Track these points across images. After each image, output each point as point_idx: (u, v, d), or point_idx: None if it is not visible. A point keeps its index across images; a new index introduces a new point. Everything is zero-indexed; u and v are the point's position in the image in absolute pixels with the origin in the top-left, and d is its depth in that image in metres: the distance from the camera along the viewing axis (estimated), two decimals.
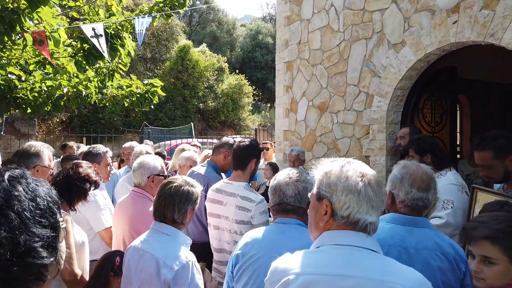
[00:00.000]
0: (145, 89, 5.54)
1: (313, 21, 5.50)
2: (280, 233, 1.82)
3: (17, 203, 0.87)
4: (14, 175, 0.94)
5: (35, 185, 0.94)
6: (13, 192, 0.88)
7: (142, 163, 2.76)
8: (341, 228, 1.29)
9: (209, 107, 23.09)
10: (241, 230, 2.68)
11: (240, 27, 34.59)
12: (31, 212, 0.88)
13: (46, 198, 0.93)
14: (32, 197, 0.91)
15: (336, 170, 1.33)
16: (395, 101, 4.42)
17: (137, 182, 2.72)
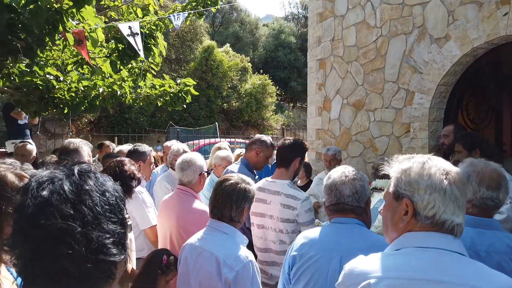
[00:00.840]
0: (178, 88, 5.55)
1: (348, 17, 5.38)
2: (339, 234, 1.74)
3: (88, 197, 0.85)
4: (84, 169, 0.92)
5: (103, 180, 0.91)
6: (84, 187, 0.86)
7: (191, 162, 2.73)
8: (426, 230, 1.20)
9: (233, 107, 23.11)
10: (287, 229, 2.63)
11: (263, 27, 34.55)
12: (102, 207, 0.86)
13: (114, 194, 0.91)
14: (102, 192, 0.88)
15: (417, 167, 1.24)
16: (438, 98, 4.25)
17: (187, 180, 2.68)
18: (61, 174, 0.89)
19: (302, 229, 2.61)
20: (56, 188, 0.84)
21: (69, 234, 0.79)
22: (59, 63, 5.17)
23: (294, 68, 30.56)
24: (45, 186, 0.84)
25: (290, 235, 2.63)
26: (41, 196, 0.82)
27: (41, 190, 0.83)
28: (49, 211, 0.80)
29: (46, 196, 0.82)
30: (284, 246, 2.64)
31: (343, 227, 1.74)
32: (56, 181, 0.86)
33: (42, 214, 0.80)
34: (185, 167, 2.67)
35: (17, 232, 0.83)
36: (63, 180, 0.86)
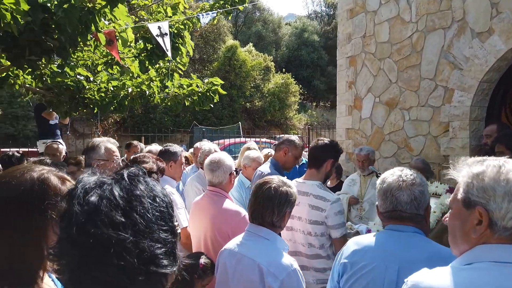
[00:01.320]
0: (206, 87, 5.49)
1: (380, 12, 5.19)
2: (396, 242, 1.59)
3: (139, 204, 0.77)
4: (133, 173, 0.84)
5: (153, 184, 0.84)
6: (135, 192, 0.78)
7: (220, 162, 2.65)
8: (505, 242, 1.06)
9: (256, 107, 23.05)
10: (315, 231, 2.52)
11: (285, 26, 34.35)
12: (153, 214, 0.78)
13: (164, 199, 0.83)
14: (152, 197, 0.81)
15: (492, 172, 1.10)
16: (480, 95, 4.02)
17: (217, 181, 2.61)
18: (110, 179, 0.81)
19: (332, 233, 2.51)
20: (105, 194, 0.77)
21: (120, 244, 0.72)
22: (89, 63, 5.20)
23: (317, 67, 30.25)
24: (93, 192, 0.77)
25: (319, 238, 2.51)
26: (90, 203, 0.75)
27: (89, 196, 0.76)
28: (98, 219, 0.73)
29: (95, 202, 0.75)
30: (313, 249, 2.53)
31: (400, 235, 1.60)
32: (105, 187, 0.79)
33: (91, 222, 0.73)
34: (215, 168, 2.60)
35: (64, 240, 0.76)
36: (112, 185, 0.79)
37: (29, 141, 12.47)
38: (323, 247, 2.50)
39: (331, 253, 2.54)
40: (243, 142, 12.35)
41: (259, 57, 24.39)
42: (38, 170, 1.18)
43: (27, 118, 15.76)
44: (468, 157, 1.26)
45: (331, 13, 36.62)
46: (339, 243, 2.52)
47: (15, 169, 1.19)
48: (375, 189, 4.80)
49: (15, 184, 1.11)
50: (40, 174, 1.16)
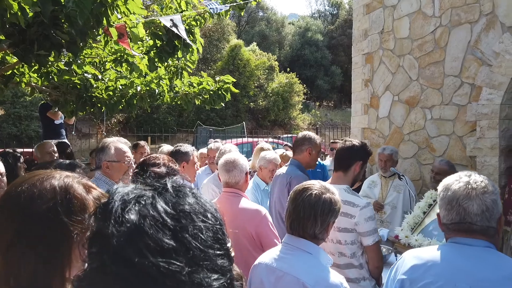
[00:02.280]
0: (217, 86, 5.30)
1: (400, 7, 4.98)
2: (465, 258, 1.38)
3: (191, 223, 0.60)
4: (179, 183, 0.65)
5: (201, 197, 0.66)
6: (185, 207, 0.61)
7: (236, 162, 2.52)
8: None
9: (260, 106, 22.86)
10: (345, 239, 2.34)
11: (289, 25, 34.16)
12: (208, 236, 0.61)
13: (216, 215, 0.65)
14: (204, 214, 0.62)
15: None
16: (511, 93, 3.81)
17: (234, 181, 2.48)
18: (150, 190, 0.62)
19: (363, 240, 2.33)
20: (148, 209, 0.59)
21: (172, 276, 0.55)
22: (97, 61, 5.01)
23: (321, 67, 30.04)
24: (132, 206, 0.59)
25: (349, 246, 2.34)
26: (129, 222, 0.57)
27: (127, 212, 0.58)
28: (142, 244, 0.55)
29: (136, 221, 0.57)
30: (345, 258, 2.35)
31: (469, 249, 1.39)
32: (145, 200, 0.60)
33: (132, 247, 0.55)
34: (231, 168, 2.47)
35: (95, 270, 0.58)
36: (155, 198, 0.61)
37: (33, 141, 12.28)
38: (355, 256, 2.31)
39: (363, 261, 2.35)
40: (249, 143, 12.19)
41: (263, 57, 24.21)
42: (60, 177, 0.98)
43: (30, 118, 15.59)
44: None
45: (335, 12, 36.42)
46: (372, 251, 2.34)
47: (33, 175, 0.99)
48: (397, 192, 4.60)
49: (34, 194, 0.91)
50: (63, 181, 0.95)
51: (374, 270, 2.33)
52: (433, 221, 3.18)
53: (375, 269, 2.33)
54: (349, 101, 27.74)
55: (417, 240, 3.00)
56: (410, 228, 3.24)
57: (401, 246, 3.13)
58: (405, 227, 3.24)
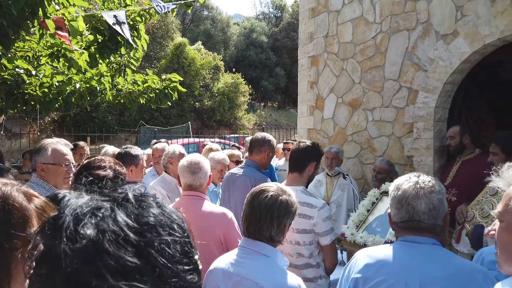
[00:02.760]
0: (163, 84, 5.14)
1: (343, 12, 5.16)
2: (415, 256, 1.44)
3: (156, 236, 0.53)
4: (141, 193, 0.59)
5: (167, 206, 0.60)
6: (148, 219, 0.54)
7: (201, 164, 2.44)
8: None
9: (205, 106, 22.66)
10: (304, 240, 2.38)
11: (234, 26, 34.21)
12: (176, 250, 0.55)
13: (183, 225, 0.59)
14: (170, 227, 0.56)
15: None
16: (444, 97, 4.10)
17: (199, 184, 2.39)
18: (109, 201, 0.55)
19: (321, 240, 2.39)
20: (107, 223, 0.52)
21: None
22: (31, 55, 4.62)
23: (265, 68, 30.46)
24: (88, 220, 0.51)
25: (308, 246, 2.38)
26: (84, 238, 0.49)
27: (82, 227, 0.50)
28: (102, 263, 0.48)
29: (93, 237, 0.50)
30: (303, 259, 2.39)
31: (419, 248, 1.45)
32: (104, 213, 0.53)
33: (89, 268, 0.48)
34: (197, 170, 2.38)
35: None
36: (115, 210, 0.54)
37: None
38: (313, 256, 2.36)
39: (320, 260, 2.41)
40: (196, 143, 12.01)
41: (209, 56, 24.02)
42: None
43: None
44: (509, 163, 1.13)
45: (279, 15, 37.11)
46: (329, 250, 2.40)
47: None
48: (341, 190, 4.75)
49: None
50: (1, 190, 0.85)
51: (331, 267, 2.41)
52: (376, 219, 3.33)
53: (332, 266, 2.41)
54: (292, 102, 28.35)
55: (362, 237, 3.11)
56: (355, 225, 3.35)
57: (347, 243, 3.23)
58: (350, 225, 3.35)
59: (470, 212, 3.01)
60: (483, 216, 2.86)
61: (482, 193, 2.97)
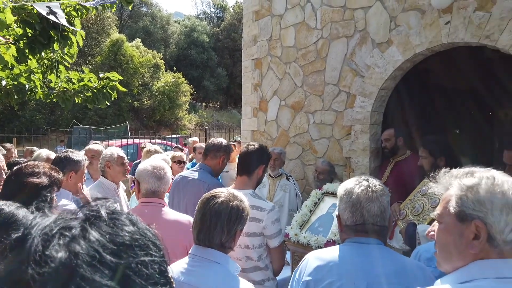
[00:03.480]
0: (102, 83, 4.88)
1: (286, 17, 5.28)
2: (363, 256, 1.50)
3: (134, 257, 0.50)
4: (113, 209, 0.56)
5: (141, 225, 0.56)
6: (124, 239, 0.51)
7: (165, 169, 2.33)
8: (506, 257, 1.03)
9: (145, 106, 21.95)
10: (253, 244, 2.40)
11: (174, 24, 33.52)
12: (153, 269, 0.52)
13: (156, 242, 0.57)
14: (147, 246, 0.54)
15: (486, 184, 1.07)
16: (379, 102, 4.35)
17: (163, 190, 2.29)
18: (79, 220, 0.51)
19: (269, 242, 2.42)
20: (79, 244, 0.48)
21: None
22: None
23: (207, 68, 30.22)
24: (57, 242, 0.47)
25: (257, 250, 2.40)
26: (55, 261, 0.45)
27: (52, 250, 0.46)
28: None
29: (64, 260, 0.45)
30: (251, 262, 2.40)
31: (366, 248, 1.51)
32: (75, 232, 0.49)
33: None
34: (162, 175, 2.26)
35: None
36: (87, 229, 0.50)
37: None
38: (261, 259, 2.38)
39: (268, 262, 2.43)
40: (135, 144, 11.56)
41: (148, 54, 23.29)
42: None
43: None
44: (448, 169, 1.22)
45: (220, 15, 37.03)
46: (277, 252, 2.44)
47: None
48: (283, 191, 4.85)
49: None
50: None
51: (279, 269, 2.45)
52: (318, 218, 3.43)
53: (280, 268, 2.45)
54: (234, 103, 28.40)
55: (305, 238, 3.19)
56: (298, 226, 3.43)
57: (291, 243, 3.30)
58: (294, 225, 3.43)
59: (403, 211, 3.19)
60: (415, 214, 3.06)
61: (413, 193, 3.18)
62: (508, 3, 3.25)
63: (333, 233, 3.03)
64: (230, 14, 35.40)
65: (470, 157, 5.42)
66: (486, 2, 3.40)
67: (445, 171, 1.19)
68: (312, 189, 4.34)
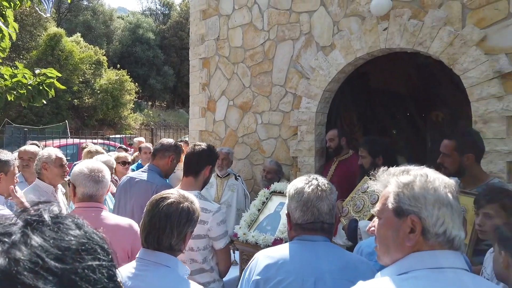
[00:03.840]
0: (38, 80, 4.57)
1: (234, 17, 5.30)
2: (311, 253, 1.54)
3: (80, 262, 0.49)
4: (57, 212, 0.55)
5: (87, 228, 0.55)
6: (70, 243, 0.50)
7: (104, 171, 2.23)
8: (438, 248, 1.12)
9: (86, 104, 20.89)
10: (198, 246, 2.38)
11: (118, 19, 32.27)
12: (101, 274, 0.51)
13: (104, 245, 0.57)
14: (94, 250, 0.53)
15: (420, 181, 1.16)
16: (323, 103, 4.51)
17: (101, 194, 2.18)
18: (18, 224, 0.49)
19: (215, 244, 2.41)
20: (20, 250, 0.46)
21: None
22: None
23: (153, 66, 29.42)
24: None
25: (201, 252, 2.37)
26: None
27: None
28: None
29: (4, 267, 0.44)
30: (196, 264, 2.38)
31: (314, 245, 1.56)
32: (15, 238, 0.47)
33: None
34: (101, 178, 2.16)
35: None
36: (28, 234, 0.48)
37: None
38: (206, 261, 2.35)
39: (214, 264, 2.41)
40: (75, 144, 10.98)
41: (89, 50, 22.18)
42: None
43: None
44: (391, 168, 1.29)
45: (167, 12, 36.22)
46: (223, 253, 2.42)
47: None
48: (231, 191, 4.87)
49: None
50: None
51: (225, 270, 2.43)
52: (266, 217, 3.49)
53: (226, 269, 2.44)
54: (182, 102, 27.86)
55: (253, 237, 3.23)
56: (247, 225, 3.46)
57: (240, 243, 3.32)
58: (243, 225, 3.45)
59: (345, 208, 3.32)
60: (356, 211, 3.20)
61: (355, 190, 3.33)
62: (438, 12, 3.52)
63: (281, 231, 3.09)
64: (176, 11, 34.74)
65: (406, 156, 5.79)
66: (419, 11, 3.65)
67: (384, 170, 1.27)
68: (260, 188, 4.40)
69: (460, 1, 3.45)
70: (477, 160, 2.48)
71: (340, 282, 1.47)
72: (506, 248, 1.52)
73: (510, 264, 1.51)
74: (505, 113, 3.17)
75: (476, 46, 3.33)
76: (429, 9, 3.59)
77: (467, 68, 3.38)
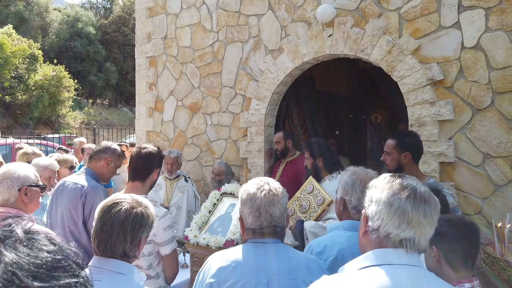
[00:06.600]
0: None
1: (182, 16, 5.24)
2: (263, 255, 1.58)
3: (57, 279, 0.49)
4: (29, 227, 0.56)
5: (61, 243, 0.56)
6: (45, 260, 0.50)
7: (7, 174, 2.10)
8: (380, 246, 1.23)
9: (19, 101, 19.45)
10: (142, 252, 2.31)
11: (54, 11, 30.34)
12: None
13: (80, 263, 0.57)
14: (70, 265, 0.53)
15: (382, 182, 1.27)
16: (272, 105, 4.61)
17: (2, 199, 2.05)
18: None
19: (161, 250, 2.36)
20: None
21: None
22: None
23: (94, 62, 28.04)
24: None
25: (146, 258, 2.32)
26: None
27: None
28: None
29: None
30: (141, 271, 2.34)
31: (266, 247, 1.61)
32: None
33: None
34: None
35: None
36: (0, 250, 0.48)
37: None
38: (151, 267, 2.30)
39: (160, 270, 2.37)
40: (8, 144, 10.20)
41: (23, 43, 20.65)
42: None
43: None
44: None
45: (108, 6, 34.70)
46: (170, 259, 2.37)
47: None
48: (181, 193, 4.83)
49: None
50: None
51: (172, 276, 2.39)
52: (217, 219, 3.50)
53: (173, 275, 2.39)
54: (125, 101, 26.82)
55: (204, 239, 3.23)
56: (198, 227, 3.46)
57: (191, 245, 3.31)
58: (193, 227, 3.44)
59: (291, 208, 3.41)
60: (303, 211, 3.31)
61: (300, 191, 3.42)
62: (378, 22, 3.76)
63: (232, 233, 3.12)
64: (119, 6, 33.38)
65: (348, 156, 6.09)
66: (360, 20, 3.87)
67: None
68: (210, 190, 4.41)
69: (397, 12, 3.70)
70: (415, 159, 2.69)
71: (292, 282, 1.53)
72: (437, 243, 1.68)
73: (441, 258, 1.68)
74: (437, 118, 3.47)
75: (411, 55, 3.61)
76: (370, 18, 3.82)
77: (403, 75, 3.64)
